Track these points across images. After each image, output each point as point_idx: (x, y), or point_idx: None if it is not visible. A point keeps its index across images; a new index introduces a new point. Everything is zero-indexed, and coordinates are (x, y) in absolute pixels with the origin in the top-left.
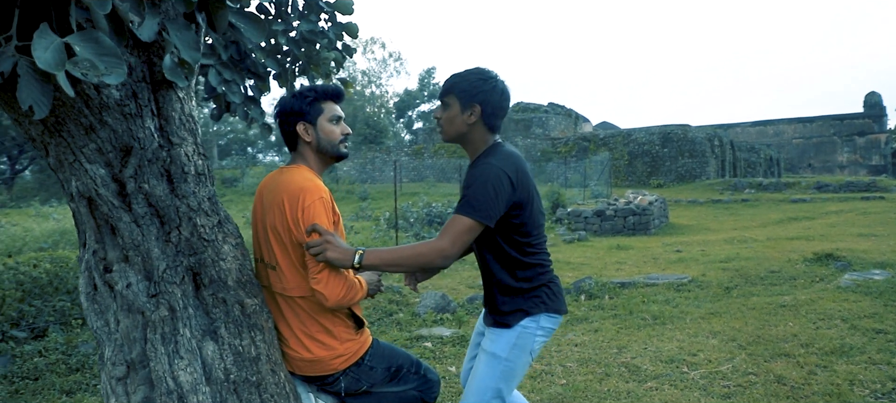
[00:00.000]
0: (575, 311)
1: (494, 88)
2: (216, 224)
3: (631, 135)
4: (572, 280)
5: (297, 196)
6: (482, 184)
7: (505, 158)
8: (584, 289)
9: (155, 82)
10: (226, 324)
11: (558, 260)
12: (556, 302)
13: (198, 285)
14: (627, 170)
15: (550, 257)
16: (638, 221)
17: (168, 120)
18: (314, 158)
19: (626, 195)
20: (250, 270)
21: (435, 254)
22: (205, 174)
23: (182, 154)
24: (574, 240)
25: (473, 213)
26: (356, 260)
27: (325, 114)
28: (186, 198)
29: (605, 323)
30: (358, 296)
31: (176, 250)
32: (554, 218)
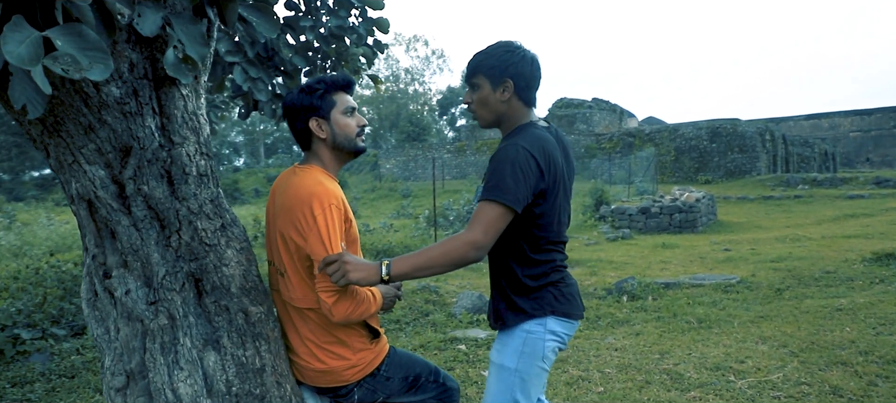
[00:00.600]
0: (616, 313)
1: (524, 58)
2: (219, 227)
3: (677, 130)
4: (614, 280)
5: (308, 202)
6: (509, 166)
7: (533, 140)
8: (626, 290)
9: (157, 79)
10: (228, 333)
11: (600, 260)
12: (567, 305)
13: (200, 292)
14: (674, 166)
15: (566, 257)
16: (684, 219)
17: (170, 118)
18: (330, 155)
19: (672, 192)
20: (256, 276)
21: (467, 247)
22: (207, 175)
23: (183, 154)
24: (618, 239)
25: (502, 197)
26: (384, 272)
27: (339, 106)
28: (187, 200)
29: (647, 326)
30: (370, 310)
31: (176, 255)
32: (597, 216)
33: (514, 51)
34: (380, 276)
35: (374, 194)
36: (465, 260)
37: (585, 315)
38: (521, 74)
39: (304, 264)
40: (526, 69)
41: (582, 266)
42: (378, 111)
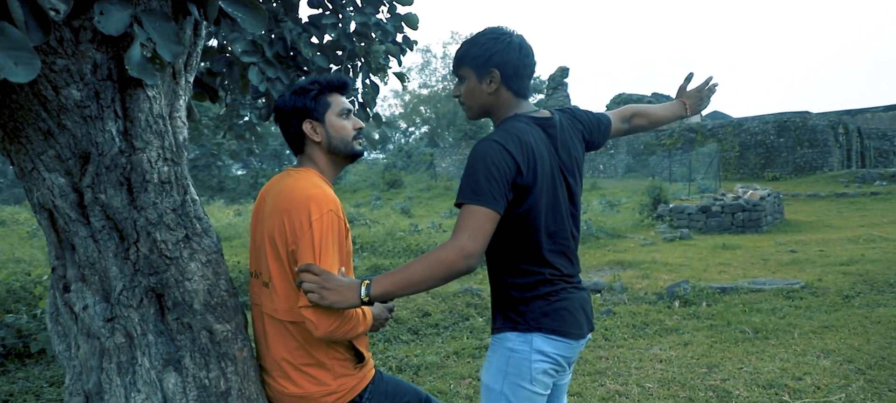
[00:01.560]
0: (665, 321)
1: (510, 45)
2: (182, 239)
3: (742, 124)
4: (667, 284)
5: (304, 205)
6: (481, 164)
7: (507, 132)
8: (679, 295)
9: (123, 80)
10: (191, 353)
11: (654, 261)
12: (557, 321)
13: (163, 308)
14: (738, 163)
15: (569, 265)
16: (747, 218)
17: (134, 122)
18: (325, 160)
19: (734, 189)
20: (225, 291)
21: (454, 256)
22: (170, 182)
23: (144, 160)
24: (675, 239)
25: (478, 199)
26: (363, 293)
27: (333, 108)
28: (145, 209)
29: (697, 335)
30: (357, 330)
31: (134, 269)
32: (655, 215)
33: (499, 38)
34: (358, 298)
35: (429, 193)
36: (455, 271)
37: (631, 322)
38: (507, 62)
39: (293, 271)
40: (512, 56)
41: (634, 268)
42: (435, 110)
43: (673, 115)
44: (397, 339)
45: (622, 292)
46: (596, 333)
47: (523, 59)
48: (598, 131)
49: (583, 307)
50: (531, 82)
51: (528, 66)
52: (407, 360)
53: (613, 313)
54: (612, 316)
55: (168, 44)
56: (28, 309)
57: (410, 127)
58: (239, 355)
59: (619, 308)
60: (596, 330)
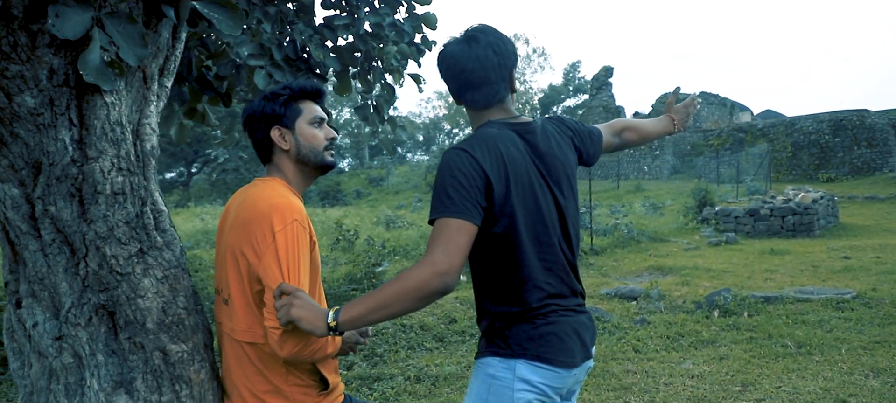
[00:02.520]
0: (702, 332)
1: (441, 63)
2: (135, 253)
3: (795, 123)
4: (708, 291)
5: (267, 216)
6: (448, 175)
7: (474, 139)
8: (718, 304)
9: (81, 86)
10: (143, 375)
11: (696, 267)
12: (543, 347)
13: (115, 327)
14: (790, 163)
15: (561, 283)
16: (798, 221)
17: (89, 130)
18: (294, 170)
19: (785, 191)
20: (183, 309)
21: (428, 275)
22: (124, 193)
23: (97, 170)
24: (721, 243)
25: (448, 211)
26: (330, 318)
27: (305, 115)
28: (94, 222)
29: (735, 348)
30: (324, 352)
31: (83, 285)
32: (700, 218)
33: (438, 59)
34: (325, 324)
35: None
36: (430, 291)
37: (665, 333)
38: (447, 81)
39: (253, 288)
40: (443, 72)
41: (674, 274)
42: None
43: (662, 130)
44: (421, 346)
45: (659, 300)
46: (625, 345)
47: (450, 73)
48: (591, 142)
49: (577, 332)
50: (489, 89)
51: (459, 78)
52: (426, 370)
53: (648, 322)
54: (645, 326)
55: (133, 47)
56: None
57: (454, 128)
58: (195, 377)
59: (654, 317)
60: (626, 340)
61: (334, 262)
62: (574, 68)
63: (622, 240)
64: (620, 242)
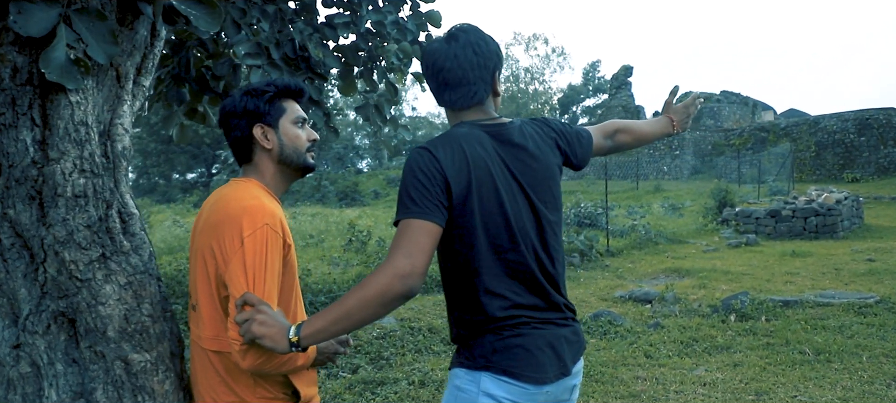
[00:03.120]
0: (716, 337)
1: (422, 62)
2: (96, 259)
3: (818, 122)
4: (725, 295)
5: (237, 219)
6: (409, 176)
7: (439, 139)
8: (735, 308)
9: (45, 85)
10: (104, 386)
11: (714, 270)
12: (509, 361)
13: (76, 336)
14: (814, 163)
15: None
16: (822, 223)
17: (52, 130)
18: (274, 171)
19: (808, 192)
20: (147, 316)
21: (389, 279)
22: (86, 196)
23: (57, 171)
24: (740, 245)
25: (409, 212)
26: (292, 334)
27: (288, 115)
28: (53, 226)
29: (750, 354)
30: (292, 364)
31: (42, 291)
32: (719, 219)
33: (421, 60)
34: (287, 341)
35: None
36: (393, 296)
37: (679, 337)
38: (427, 80)
39: (220, 293)
40: (425, 71)
41: (691, 276)
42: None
43: (660, 132)
44: (429, 350)
45: (674, 303)
46: (636, 350)
47: (432, 73)
48: (578, 144)
49: (553, 346)
50: (467, 89)
51: (436, 74)
52: (431, 374)
53: (661, 327)
54: (659, 331)
55: (102, 44)
56: None
57: None
58: (159, 388)
59: (668, 321)
60: (638, 345)
61: (346, 263)
62: (594, 68)
63: (639, 242)
64: (637, 243)
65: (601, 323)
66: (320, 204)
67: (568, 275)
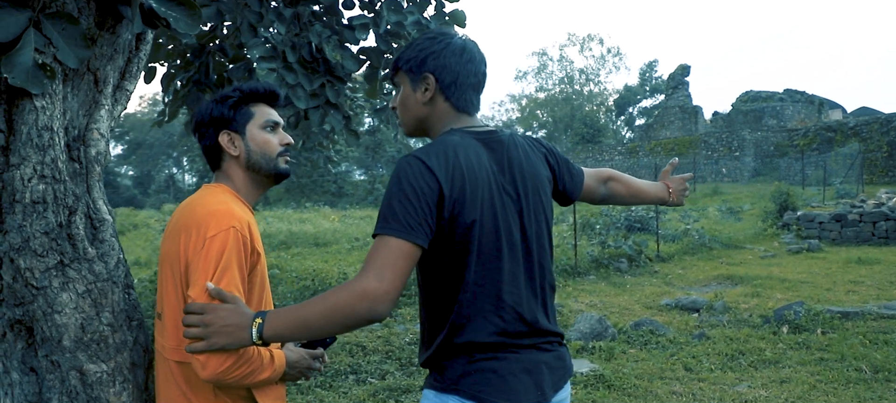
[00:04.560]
0: (765, 350)
1: (448, 47)
2: (53, 266)
3: (892, 121)
4: (780, 304)
5: (203, 222)
6: (396, 187)
7: (434, 146)
8: (788, 319)
9: (12, 90)
10: (59, 396)
11: (770, 277)
12: (480, 385)
13: (35, 344)
14: (886, 164)
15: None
16: (892, 227)
17: (16, 135)
18: (244, 178)
19: (877, 195)
20: (107, 325)
21: (354, 299)
22: (45, 202)
23: (17, 177)
24: (801, 251)
25: (389, 228)
26: (255, 334)
27: (256, 119)
28: (9, 233)
29: (800, 370)
30: (257, 376)
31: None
32: (780, 224)
33: (438, 39)
34: (249, 336)
35: None
36: (356, 317)
37: (724, 350)
38: (445, 67)
39: (187, 300)
40: (451, 61)
41: (744, 284)
42: (552, 113)
43: (655, 195)
44: None
45: (723, 312)
46: (676, 362)
47: (465, 65)
48: (569, 173)
49: (531, 372)
50: (479, 96)
51: (471, 75)
52: None
53: (706, 337)
54: (703, 341)
55: (73, 48)
56: None
57: (527, 131)
58: (115, 400)
59: (714, 331)
60: (679, 357)
61: None
62: (650, 67)
63: (692, 247)
64: (690, 249)
65: (642, 333)
66: (372, 207)
67: (614, 282)
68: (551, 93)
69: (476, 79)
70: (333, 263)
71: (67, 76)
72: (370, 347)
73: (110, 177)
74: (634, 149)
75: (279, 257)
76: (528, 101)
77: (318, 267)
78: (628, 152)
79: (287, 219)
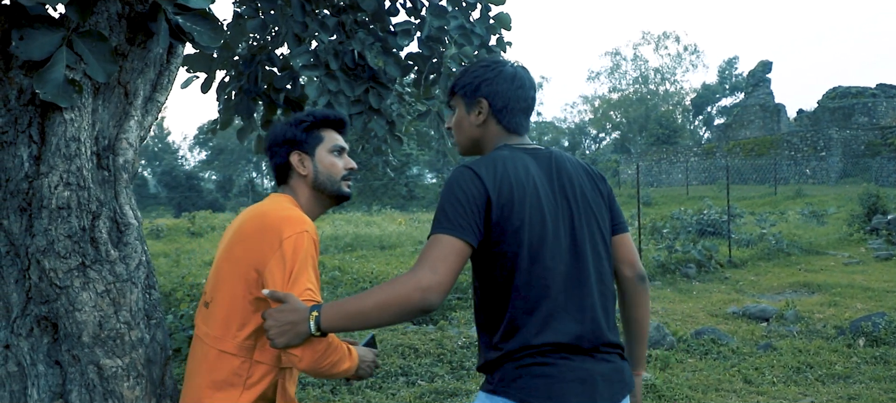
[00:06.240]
0: (836, 364)
1: (500, 75)
2: (75, 267)
3: None
4: (859, 314)
5: (277, 226)
6: (448, 191)
7: (484, 159)
8: (865, 331)
9: (45, 104)
10: (79, 389)
11: (851, 285)
12: (527, 390)
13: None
14: None
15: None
16: None
17: (47, 146)
18: (309, 196)
19: None
20: (123, 324)
21: (409, 289)
22: (69, 207)
23: (45, 185)
24: (890, 257)
25: (441, 228)
26: (312, 327)
27: (326, 143)
28: (36, 236)
29: (872, 386)
30: (341, 366)
31: (27, 297)
32: (868, 228)
33: (491, 67)
34: (308, 331)
35: None
36: (410, 306)
37: (790, 362)
38: (497, 93)
39: (248, 294)
40: (502, 87)
41: (823, 292)
42: (626, 114)
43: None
44: None
45: (794, 322)
46: (735, 374)
47: (515, 91)
48: (613, 208)
49: (582, 381)
50: (528, 119)
51: (521, 100)
52: None
53: (773, 348)
54: (768, 353)
55: (102, 64)
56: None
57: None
58: (129, 394)
59: (782, 342)
60: (739, 369)
61: None
62: (730, 65)
63: (768, 252)
64: (765, 254)
65: (702, 342)
66: None
67: (680, 288)
68: (625, 94)
69: (525, 104)
70: (395, 265)
71: (98, 89)
72: (422, 349)
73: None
74: (711, 150)
75: (343, 259)
76: (602, 102)
77: (380, 269)
78: (704, 153)
79: (354, 222)
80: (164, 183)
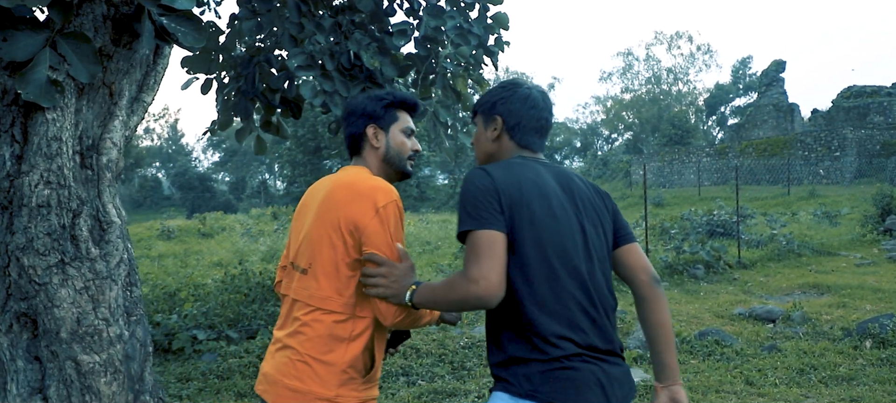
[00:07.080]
0: (840, 365)
1: (514, 95)
2: (54, 264)
3: None
4: (868, 316)
5: (370, 194)
6: (462, 195)
7: (495, 164)
8: (872, 333)
9: (29, 104)
10: (57, 384)
11: (862, 287)
12: (556, 392)
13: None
14: None
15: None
16: None
17: (29, 145)
18: (379, 168)
19: None
20: (102, 320)
21: (464, 282)
22: (49, 205)
23: (26, 183)
24: None
25: (469, 224)
26: (408, 297)
27: (400, 123)
28: (16, 233)
29: (876, 389)
30: (424, 320)
31: (7, 293)
32: (881, 229)
33: (507, 87)
34: (404, 299)
35: (623, 202)
36: (467, 299)
37: (794, 364)
38: (510, 112)
39: (347, 257)
40: (516, 106)
41: (832, 293)
42: (639, 115)
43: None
44: None
45: (801, 323)
46: (737, 375)
47: (527, 110)
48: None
49: (602, 385)
50: (543, 138)
51: (533, 119)
52: None
53: (777, 350)
54: (773, 354)
55: (86, 64)
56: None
57: (612, 133)
58: (105, 390)
59: (787, 344)
60: (742, 370)
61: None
62: (744, 64)
63: (778, 253)
64: (775, 255)
65: (706, 343)
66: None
67: (688, 289)
68: (637, 94)
69: (538, 123)
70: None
71: (83, 90)
72: (424, 350)
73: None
74: (723, 150)
75: None
76: (614, 103)
77: None
78: (717, 153)
79: None
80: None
